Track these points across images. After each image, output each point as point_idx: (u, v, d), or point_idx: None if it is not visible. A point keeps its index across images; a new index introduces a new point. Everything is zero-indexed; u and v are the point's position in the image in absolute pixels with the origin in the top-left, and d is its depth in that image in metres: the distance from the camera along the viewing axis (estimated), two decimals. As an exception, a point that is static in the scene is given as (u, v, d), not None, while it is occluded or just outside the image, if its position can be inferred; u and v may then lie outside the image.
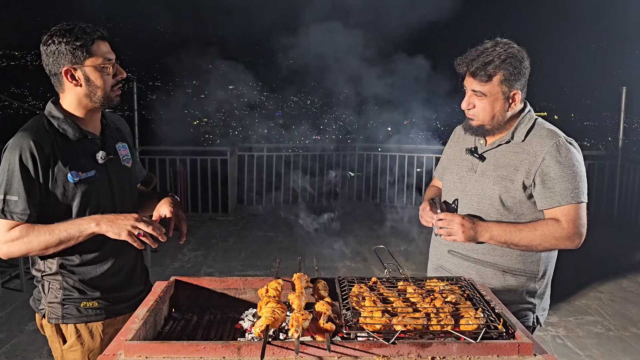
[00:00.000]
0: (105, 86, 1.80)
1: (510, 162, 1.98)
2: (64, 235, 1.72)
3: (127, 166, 1.99)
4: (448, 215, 1.97)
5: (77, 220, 1.75)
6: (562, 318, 4.30)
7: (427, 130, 8.58)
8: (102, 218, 1.75)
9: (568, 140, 1.96)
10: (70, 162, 1.77)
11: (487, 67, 1.87)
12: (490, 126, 1.97)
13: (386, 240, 6.32)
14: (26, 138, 1.72)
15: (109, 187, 1.88)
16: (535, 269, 2.02)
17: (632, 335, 4.06)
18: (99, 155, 1.84)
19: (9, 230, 1.71)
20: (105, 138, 1.92)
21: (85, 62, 1.75)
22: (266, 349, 1.22)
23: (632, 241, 6.80)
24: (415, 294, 1.56)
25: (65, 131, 1.79)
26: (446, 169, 2.24)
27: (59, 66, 1.76)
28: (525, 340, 1.31)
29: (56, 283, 1.83)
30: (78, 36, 1.72)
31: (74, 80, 1.77)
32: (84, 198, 1.79)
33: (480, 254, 2.02)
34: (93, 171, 1.82)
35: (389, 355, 1.27)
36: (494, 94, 1.92)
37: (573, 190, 1.89)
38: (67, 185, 1.76)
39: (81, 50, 1.73)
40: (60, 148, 1.76)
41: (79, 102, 1.82)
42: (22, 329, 4.02)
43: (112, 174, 1.90)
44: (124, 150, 1.99)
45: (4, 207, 1.70)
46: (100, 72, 1.78)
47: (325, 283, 1.68)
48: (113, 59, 1.81)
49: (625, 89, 7.50)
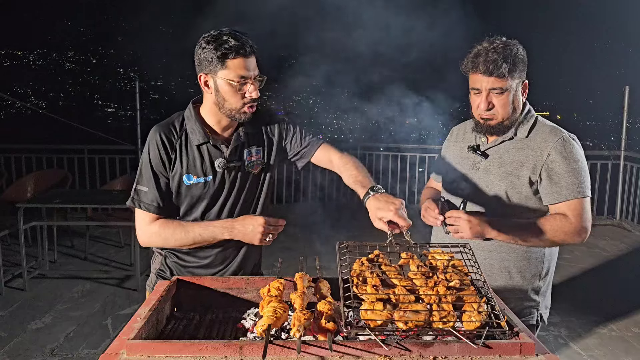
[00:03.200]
0: (232, 101, 1.82)
1: (515, 158, 1.99)
2: (199, 238, 1.86)
3: (252, 172, 1.98)
4: (454, 212, 1.97)
5: (210, 226, 1.87)
6: (564, 318, 4.30)
7: (429, 130, 8.57)
8: (234, 227, 1.86)
9: (571, 136, 1.98)
10: (189, 164, 1.88)
11: (503, 62, 1.87)
12: (508, 121, 1.98)
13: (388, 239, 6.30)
14: (156, 132, 1.87)
15: (224, 194, 1.94)
16: (540, 267, 2.03)
17: (634, 336, 4.05)
18: (217, 162, 1.90)
19: (149, 224, 1.86)
20: (232, 144, 1.93)
21: (218, 73, 1.79)
22: (268, 349, 1.22)
23: (635, 241, 6.79)
24: (418, 274, 1.51)
25: (191, 132, 1.88)
26: (446, 169, 2.23)
27: (199, 70, 1.83)
28: (527, 340, 1.31)
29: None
30: (219, 46, 1.75)
31: (207, 87, 1.84)
32: (193, 201, 1.91)
33: (487, 251, 2.02)
34: (209, 177, 1.90)
35: (391, 355, 1.27)
36: (512, 88, 1.93)
37: (579, 185, 1.90)
38: (181, 186, 1.89)
39: (218, 61, 1.77)
40: (184, 148, 1.88)
41: (211, 108, 1.89)
42: (24, 327, 4.04)
43: (230, 181, 1.94)
44: (254, 156, 1.98)
45: (134, 196, 1.87)
46: (230, 87, 1.80)
47: (327, 282, 1.68)
48: (249, 77, 1.80)
49: (628, 89, 7.48)
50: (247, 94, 1.82)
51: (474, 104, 1.99)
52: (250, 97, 1.83)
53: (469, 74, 1.98)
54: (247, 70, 1.79)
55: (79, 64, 75.87)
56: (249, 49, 1.79)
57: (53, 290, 4.81)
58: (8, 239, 5.80)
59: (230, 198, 1.96)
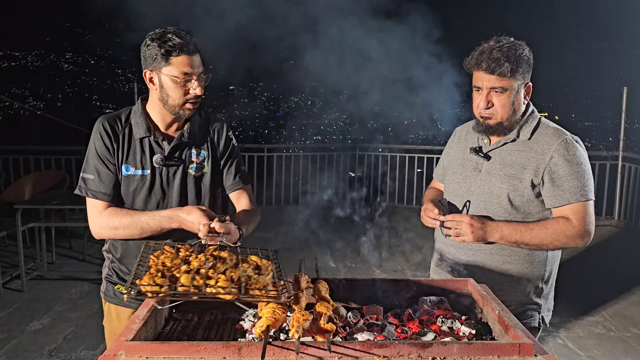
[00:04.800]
0: (176, 97, 1.87)
1: (518, 160, 1.98)
2: (146, 227, 1.86)
3: (191, 173, 2.00)
4: (456, 216, 1.96)
5: (157, 215, 1.87)
6: (562, 319, 4.30)
7: (426, 130, 8.58)
8: (179, 215, 1.83)
9: (574, 139, 1.97)
10: (129, 155, 1.92)
11: (506, 61, 1.87)
12: (508, 122, 1.97)
13: (386, 240, 6.31)
14: (101, 122, 1.92)
15: (160, 190, 1.96)
16: (542, 270, 2.02)
17: (633, 336, 4.06)
18: (155, 158, 1.93)
19: (100, 213, 1.89)
20: (174, 142, 1.96)
21: (162, 69, 1.84)
22: (267, 350, 1.22)
23: (633, 241, 6.80)
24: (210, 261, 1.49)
25: (135, 125, 1.93)
26: (448, 170, 2.22)
27: (144, 67, 1.88)
28: (526, 341, 1.31)
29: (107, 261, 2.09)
30: (163, 44, 1.81)
31: (152, 83, 1.90)
32: (131, 194, 1.93)
33: (489, 254, 2.01)
34: (147, 171, 1.93)
35: (390, 356, 1.27)
36: (514, 88, 1.92)
37: (582, 188, 1.89)
38: (120, 176, 1.92)
39: (162, 58, 1.82)
40: (126, 139, 1.92)
41: (155, 104, 1.94)
42: (23, 329, 4.03)
43: (167, 178, 1.96)
44: (196, 158, 2.01)
45: (81, 184, 1.91)
46: (174, 83, 1.85)
47: (325, 283, 1.68)
48: (193, 74, 1.85)
49: (626, 89, 7.49)
50: (191, 90, 1.87)
51: (475, 102, 1.99)
52: (194, 93, 1.87)
53: (472, 71, 1.98)
54: (190, 67, 1.84)
55: (77, 65, 75.74)
56: (193, 47, 1.84)
57: (51, 292, 4.81)
58: (6, 240, 5.79)
59: (170, 195, 1.97)
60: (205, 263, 1.45)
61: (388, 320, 1.63)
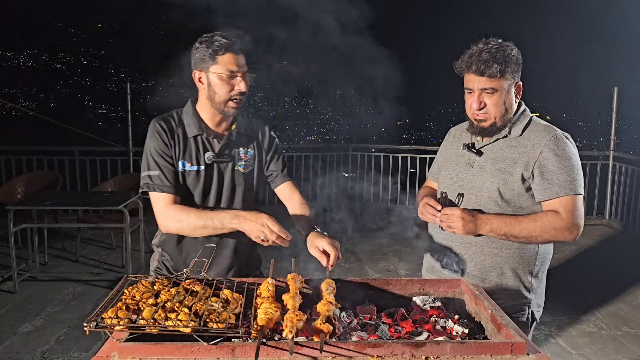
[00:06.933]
0: (222, 93, 1.97)
1: (508, 155, 2.02)
2: (209, 223, 1.93)
3: (239, 170, 2.11)
4: (448, 209, 2.00)
5: (221, 212, 1.96)
6: (554, 317, 4.33)
7: (420, 130, 8.61)
8: (244, 216, 1.90)
9: (564, 135, 2.02)
10: (185, 151, 2.02)
11: (495, 62, 1.91)
12: (501, 122, 2.01)
13: (380, 241, 6.33)
14: (156, 122, 2.02)
15: (215, 185, 2.06)
16: (532, 264, 2.06)
17: (624, 334, 4.09)
18: (206, 155, 2.04)
19: (167, 207, 1.96)
20: (224, 141, 2.07)
21: (210, 68, 1.95)
22: (260, 350, 1.23)
23: (624, 240, 6.85)
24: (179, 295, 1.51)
25: (187, 125, 2.05)
26: (442, 167, 2.27)
27: (194, 68, 1.99)
28: (519, 340, 1.33)
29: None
30: (211, 45, 1.93)
31: (201, 82, 2.00)
32: (190, 188, 2.03)
33: (479, 247, 2.05)
34: (202, 167, 2.03)
35: (383, 355, 1.27)
36: (504, 88, 1.96)
37: (571, 182, 1.94)
38: (177, 171, 2.01)
39: (210, 57, 1.94)
40: (182, 137, 2.03)
41: (204, 103, 2.04)
42: (15, 331, 4.00)
43: (218, 174, 2.07)
44: (245, 156, 2.13)
45: (146, 182, 1.98)
46: (220, 80, 1.95)
47: (333, 282, 1.68)
48: (238, 72, 1.95)
49: (616, 90, 7.55)
50: (236, 87, 1.96)
51: (467, 104, 2.03)
52: (239, 89, 1.97)
53: (463, 74, 2.02)
54: (236, 65, 1.95)
55: (69, 65, 75.32)
56: (238, 47, 1.97)
57: (44, 293, 4.77)
58: (-2, 242, 5.75)
59: (221, 191, 2.08)
60: (174, 297, 1.47)
61: (381, 319, 1.64)
